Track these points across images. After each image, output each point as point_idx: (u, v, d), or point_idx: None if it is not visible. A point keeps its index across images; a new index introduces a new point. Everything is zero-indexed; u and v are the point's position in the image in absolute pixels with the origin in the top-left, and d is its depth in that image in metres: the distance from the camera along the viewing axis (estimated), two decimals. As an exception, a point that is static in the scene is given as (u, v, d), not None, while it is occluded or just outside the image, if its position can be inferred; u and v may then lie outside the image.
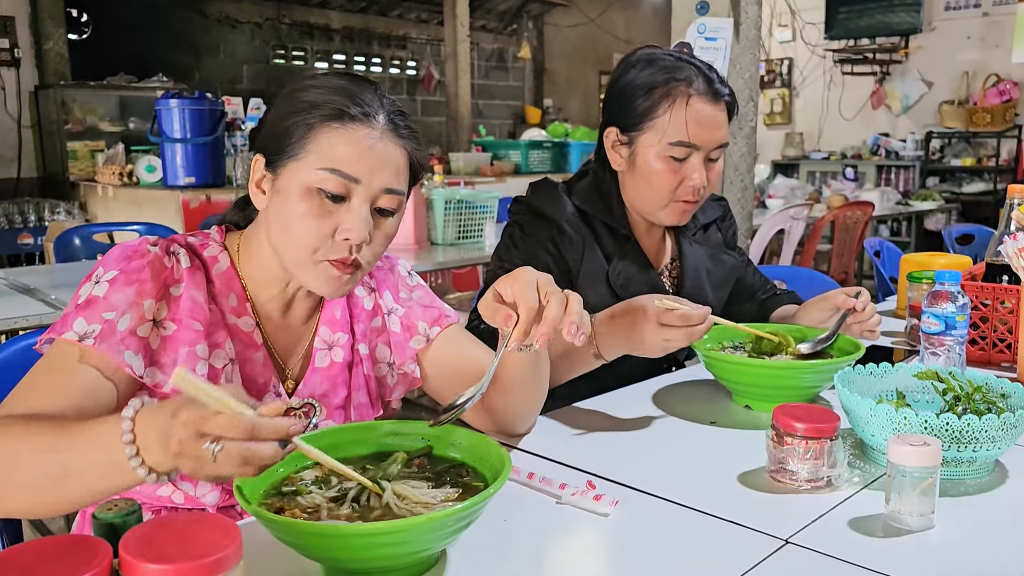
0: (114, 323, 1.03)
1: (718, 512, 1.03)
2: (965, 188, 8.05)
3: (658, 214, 1.59)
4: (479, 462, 0.97)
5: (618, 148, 1.60)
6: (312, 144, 1.07)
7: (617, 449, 1.27)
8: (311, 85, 1.11)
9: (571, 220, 1.59)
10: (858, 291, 1.55)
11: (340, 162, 1.06)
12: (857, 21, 8.39)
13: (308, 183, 1.07)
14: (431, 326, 1.28)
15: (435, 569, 0.89)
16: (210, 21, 8.61)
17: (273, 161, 1.10)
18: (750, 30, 3.93)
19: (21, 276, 2.79)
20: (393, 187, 1.10)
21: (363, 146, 1.07)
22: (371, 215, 1.09)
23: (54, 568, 0.61)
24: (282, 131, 1.09)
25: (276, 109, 1.13)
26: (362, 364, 1.24)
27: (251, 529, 0.86)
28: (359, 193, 1.08)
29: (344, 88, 1.10)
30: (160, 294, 1.07)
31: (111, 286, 1.05)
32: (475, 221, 3.75)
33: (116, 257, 1.08)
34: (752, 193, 4.23)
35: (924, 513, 0.97)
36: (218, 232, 1.19)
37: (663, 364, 1.73)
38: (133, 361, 1.03)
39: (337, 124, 1.07)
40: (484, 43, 10.87)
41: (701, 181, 1.54)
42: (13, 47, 6.73)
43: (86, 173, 6.40)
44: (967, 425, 1.07)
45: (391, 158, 1.10)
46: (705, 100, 1.53)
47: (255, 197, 1.14)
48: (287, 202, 1.08)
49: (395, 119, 1.12)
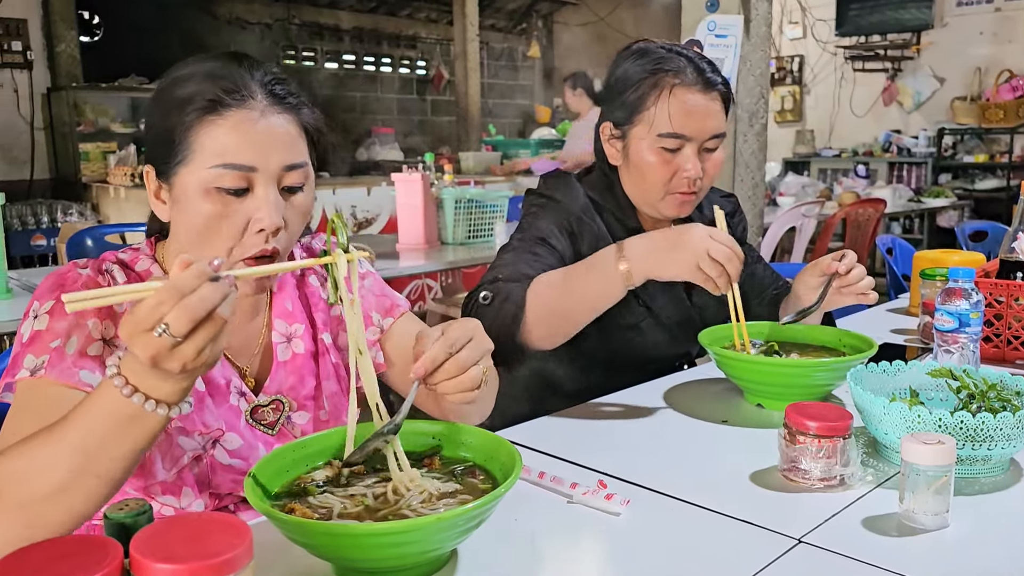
0: (62, 349, 0.99)
1: (730, 511, 1.03)
2: (978, 184, 7.99)
3: (657, 206, 1.58)
4: (490, 461, 0.97)
5: (613, 143, 1.60)
6: (196, 144, 1.01)
7: (628, 448, 1.26)
8: (177, 79, 1.04)
9: (586, 209, 1.59)
10: (843, 254, 1.50)
11: (229, 154, 1.01)
12: (868, 17, 8.33)
13: (204, 184, 1.01)
14: (384, 316, 1.26)
15: (446, 569, 0.89)
16: (220, 22, 8.64)
17: (163, 170, 1.05)
18: (760, 27, 3.92)
19: (34, 277, 2.81)
20: (293, 162, 1.05)
21: (247, 130, 1.01)
22: (279, 196, 1.04)
23: (65, 567, 0.61)
24: (163, 137, 1.04)
25: (152, 112, 1.07)
26: (329, 353, 1.22)
27: (262, 529, 0.86)
28: (260, 180, 1.02)
29: (210, 74, 1.03)
30: (103, 313, 1.04)
31: (51, 317, 1.02)
32: (485, 220, 3.75)
33: (49, 287, 1.05)
34: (763, 191, 4.21)
35: (939, 512, 0.96)
36: (148, 245, 1.15)
37: (675, 363, 1.72)
38: (91, 379, 0.99)
39: (214, 116, 1.01)
40: (494, 42, 10.87)
41: (695, 172, 1.52)
42: (25, 49, 6.77)
43: (98, 174, 6.44)
44: (982, 423, 1.06)
45: (281, 133, 1.04)
46: (694, 90, 1.51)
47: (157, 209, 1.09)
48: (188, 208, 1.03)
49: (274, 89, 1.05)
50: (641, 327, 1.62)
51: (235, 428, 1.12)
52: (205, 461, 1.10)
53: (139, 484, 1.06)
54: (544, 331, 1.37)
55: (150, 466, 1.06)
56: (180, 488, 1.08)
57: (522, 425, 1.36)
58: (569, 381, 1.62)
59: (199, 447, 1.09)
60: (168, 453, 1.07)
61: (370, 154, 8.92)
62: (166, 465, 1.07)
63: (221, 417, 1.11)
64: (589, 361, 1.60)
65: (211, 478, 1.10)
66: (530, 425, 1.36)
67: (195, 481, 1.09)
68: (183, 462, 1.08)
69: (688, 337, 1.65)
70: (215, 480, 1.11)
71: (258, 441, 1.13)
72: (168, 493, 1.08)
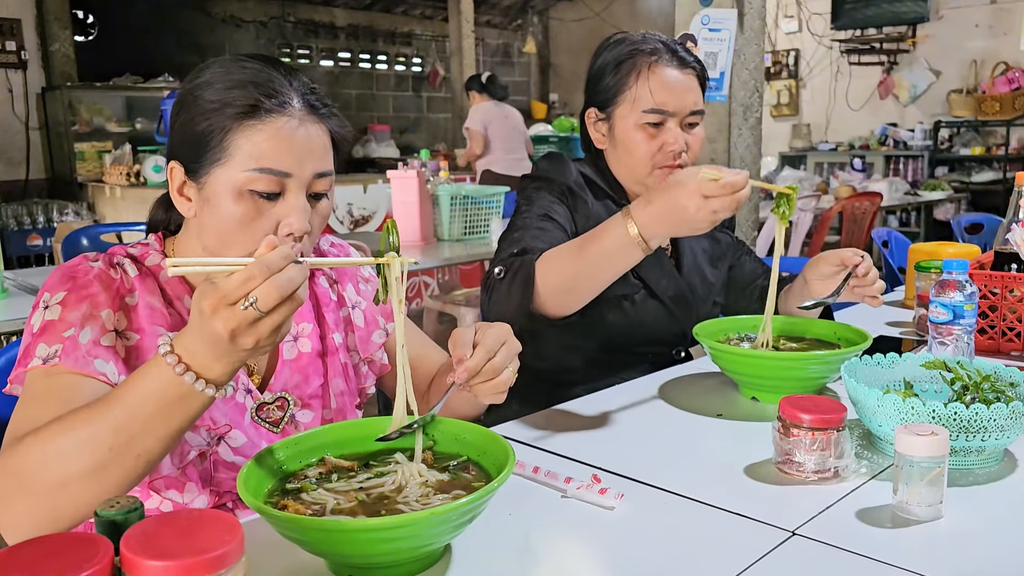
0: (75, 338, 1.00)
1: (725, 504, 1.03)
2: (974, 177, 8.00)
3: (645, 182, 1.62)
4: (483, 456, 0.97)
5: (598, 126, 1.67)
6: (233, 146, 1.03)
7: (623, 442, 1.26)
8: (213, 81, 1.05)
9: (579, 184, 1.65)
10: (863, 254, 1.51)
11: (267, 159, 1.02)
12: (864, 11, 8.32)
13: (238, 186, 1.03)
14: (388, 321, 1.30)
15: (440, 564, 0.89)
16: (215, 21, 8.62)
17: (194, 168, 1.06)
18: (755, 21, 3.91)
19: (30, 277, 2.81)
20: (324, 171, 1.08)
21: (286, 137, 1.03)
22: (307, 202, 1.07)
23: (56, 564, 0.61)
24: (197, 136, 1.04)
25: (183, 112, 1.07)
26: (339, 352, 1.23)
27: (253, 525, 0.86)
28: (292, 185, 1.04)
29: (251, 79, 1.04)
30: (116, 304, 1.05)
31: (63, 307, 1.02)
32: (481, 216, 3.75)
33: (59, 279, 1.06)
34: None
35: (932, 503, 0.96)
36: (156, 240, 1.16)
37: (672, 351, 1.72)
38: (105, 368, 1.00)
39: (254, 120, 1.03)
40: (489, 38, 10.86)
41: (680, 145, 1.58)
42: (20, 49, 6.76)
43: (94, 174, 6.44)
44: (975, 414, 1.06)
45: (316, 142, 1.07)
46: (671, 66, 1.59)
47: (179, 204, 1.09)
48: (219, 209, 1.04)
49: (310, 99, 1.08)
50: (635, 299, 1.65)
51: (240, 425, 1.12)
52: (209, 457, 1.10)
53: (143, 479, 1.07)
54: (557, 300, 1.40)
55: None
56: (184, 483, 1.09)
57: (516, 420, 1.36)
58: (566, 367, 1.64)
59: (205, 443, 1.10)
60: (175, 448, 1.07)
61: (366, 151, 8.93)
62: (173, 460, 1.08)
63: (227, 414, 1.11)
64: (586, 338, 1.61)
65: (213, 475, 1.11)
66: (524, 420, 1.36)
67: (199, 477, 1.10)
68: (189, 457, 1.09)
69: (683, 313, 1.68)
70: (217, 477, 1.11)
71: (262, 438, 1.13)
72: (172, 488, 1.09)
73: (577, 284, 1.38)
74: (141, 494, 1.07)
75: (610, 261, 1.34)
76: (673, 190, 1.25)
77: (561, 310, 1.41)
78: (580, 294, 1.40)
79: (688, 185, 1.24)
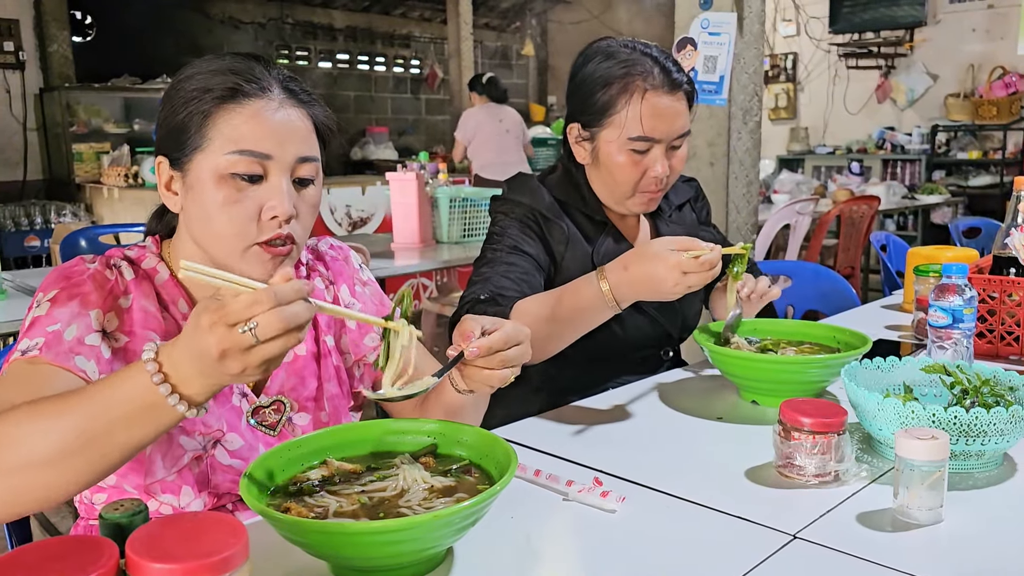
0: (60, 333, 1.00)
1: (725, 508, 1.03)
2: (972, 181, 8.00)
3: (625, 203, 1.62)
4: (485, 459, 0.97)
5: (581, 143, 1.62)
6: (213, 130, 1.03)
7: (624, 445, 1.27)
8: (195, 73, 1.06)
9: (551, 208, 1.61)
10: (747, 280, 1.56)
11: (246, 141, 1.02)
12: (861, 15, 8.34)
13: (219, 170, 1.02)
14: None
15: (442, 567, 0.89)
16: (213, 22, 8.62)
17: (177, 159, 1.06)
18: (754, 24, 3.92)
19: (28, 278, 2.80)
20: (307, 155, 1.07)
21: (265, 119, 1.04)
22: (292, 187, 1.06)
23: (61, 567, 0.61)
24: (179, 125, 1.05)
25: (166, 105, 1.08)
26: (331, 355, 1.23)
27: (257, 528, 0.86)
28: (274, 168, 1.04)
29: (230, 67, 1.06)
30: (108, 305, 1.05)
31: (53, 304, 1.02)
32: (480, 219, 3.75)
33: (54, 279, 1.06)
34: (757, 188, 4.21)
35: (933, 507, 0.97)
36: (153, 243, 1.16)
37: (660, 351, 1.73)
38: (86, 366, 1.00)
39: (233, 104, 1.03)
40: (487, 41, 10.86)
41: (664, 172, 1.55)
42: (18, 50, 6.75)
43: (91, 175, 6.43)
44: (975, 418, 1.06)
45: (297, 126, 1.06)
46: (662, 92, 1.53)
47: (167, 200, 1.10)
48: (202, 194, 1.04)
49: (290, 86, 1.08)
50: (621, 314, 1.63)
51: (236, 428, 1.12)
52: (205, 461, 1.10)
53: (138, 482, 1.07)
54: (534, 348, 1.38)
55: (150, 464, 1.06)
56: (180, 487, 1.09)
57: (517, 423, 1.36)
58: (551, 376, 1.63)
59: (199, 447, 1.09)
60: (168, 452, 1.07)
61: (364, 153, 8.92)
62: (166, 464, 1.07)
63: (223, 417, 1.11)
64: (574, 349, 1.61)
65: (211, 478, 1.10)
66: (525, 423, 1.36)
67: (195, 480, 1.10)
68: (183, 462, 1.08)
69: (669, 318, 1.68)
70: (214, 480, 1.11)
71: (259, 442, 1.13)
72: (168, 492, 1.08)
73: (552, 333, 1.39)
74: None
75: (582, 317, 1.38)
76: (652, 262, 1.28)
77: (538, 356, 1.40)
78: (556, 342, 1.41)
79: (668, 260, 1.27)
